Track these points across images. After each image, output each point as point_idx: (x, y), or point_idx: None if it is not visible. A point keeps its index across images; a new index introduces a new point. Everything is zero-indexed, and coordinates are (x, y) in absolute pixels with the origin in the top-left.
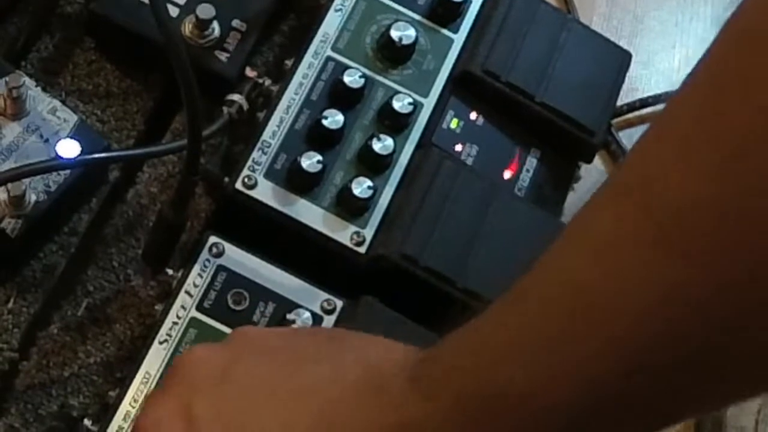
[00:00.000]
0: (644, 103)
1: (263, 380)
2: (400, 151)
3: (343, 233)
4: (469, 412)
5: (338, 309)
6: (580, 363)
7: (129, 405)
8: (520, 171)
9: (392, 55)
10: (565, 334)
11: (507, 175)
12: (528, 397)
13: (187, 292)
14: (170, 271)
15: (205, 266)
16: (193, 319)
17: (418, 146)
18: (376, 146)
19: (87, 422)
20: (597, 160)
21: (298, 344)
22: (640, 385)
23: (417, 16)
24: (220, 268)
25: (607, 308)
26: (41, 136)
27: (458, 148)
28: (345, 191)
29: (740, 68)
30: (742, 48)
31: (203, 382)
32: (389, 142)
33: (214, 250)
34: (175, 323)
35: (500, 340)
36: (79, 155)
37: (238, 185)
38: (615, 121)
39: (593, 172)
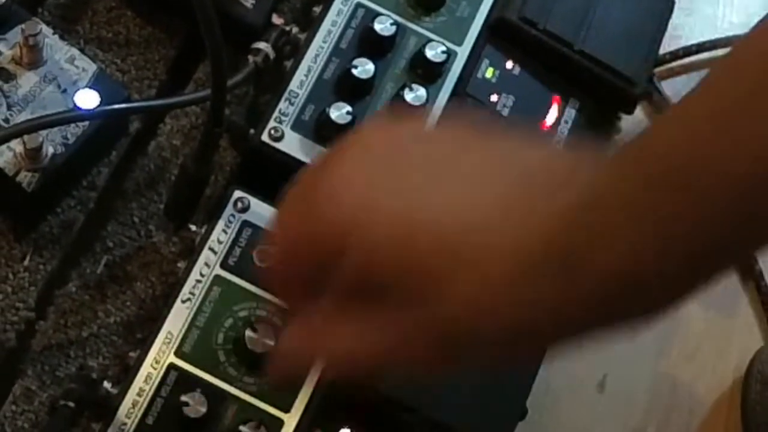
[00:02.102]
0: (687, 51)
1: (440, 160)
2: (433, 102)
3: None
4: (663, 183)
5: None
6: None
7: (150, 367)
8: (559, 122)
9: (425, 2)
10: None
11: (545, 126)
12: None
13: (211, 249)
14: (193, 227)
15: (230, 222)
16: (217, 276)
17: (452, 96)
18: (409, 96)
19: (106, 384)
20: (638, 111)
21: (469, 134)
22: None
23: None
24: (246, 224)
25: None
26: (59, 86)
27: (494, 98)
28: None
29: None
30: None
31: (381, 159)
32: (422, 92)
33: (239, 204)
34: (198, 281)
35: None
36: (99, 106)
37: (264, 137)
38: (657, 70)
39: (634, 124)
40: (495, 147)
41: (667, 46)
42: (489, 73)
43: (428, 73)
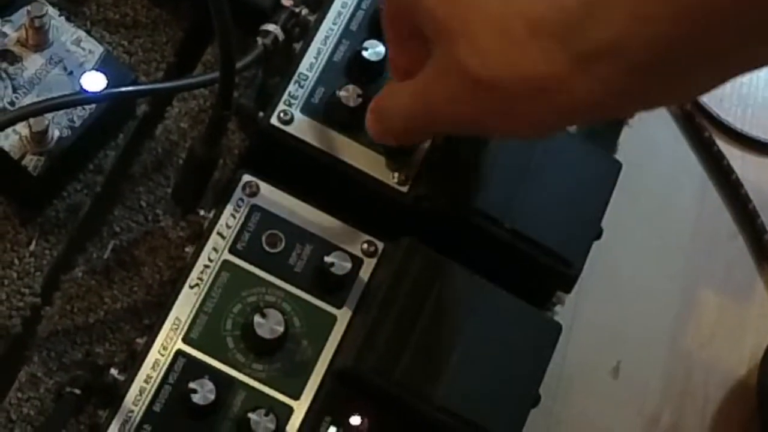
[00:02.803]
0: None
1: None
2: None
3: (385, 171)
4: None
5: (380, 251)
6: None
7: (158, 353)
8: None
9: None
10: None
11: None
12: None
13: (220, 234)
14: (201, 212)
15: (239, 206)
16: (225, 262)
17: None
18: None
19: (113, 371)
20: None
21: None
22: None
23: None
24: (255, 208)
25: None
26: (65, 69)
27: None
28: None
29: None
30: None
31: None
32: None
33: (248, 189)
34: (206, 266)
35: None
36: (105, 89)
37: (274, 120)
38: None
39: None
40: None
41: None
42: None
43: None
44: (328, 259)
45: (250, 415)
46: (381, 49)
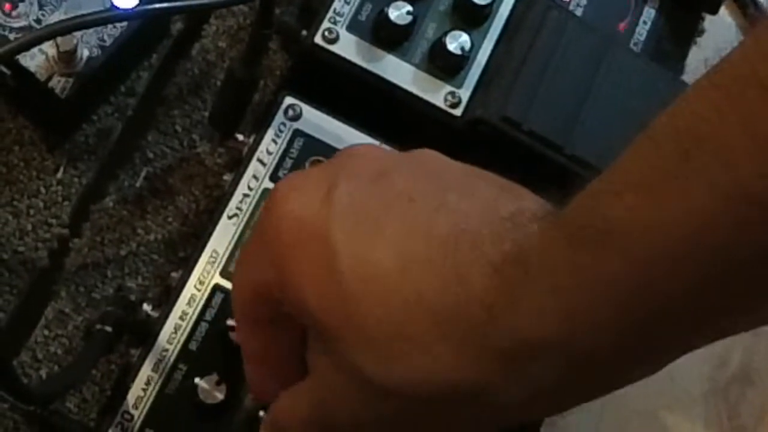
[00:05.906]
0: None
1: (413, 194)
2: (500, 1)
3: (436, 94)
4: (582, 242)
5: None
6: (696, 202)
7: (194, 288)
8: (636, 23)
9: None
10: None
11: (621, 27)
12: (647, 231)
13: (260, 160)
14: (240, 137)
15: (280, 130)
16: (266, 190)
17: None
18: None
19: (146, 307)
20: (723, 12)
21: (456, 174)
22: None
23: None
24: (297, 133)
25: (725, 146)
26: None
27: None
28: (438, 46)
29: None
30: None
31: (356, 174)
32: None
33: (291, 112)
34: (245, 195)
35: (624, 171)
36: (138, 5)
37: (318, 39)
38: None
39: (718, 25)
40: (419, 209)
41: None
42: None
43: None
44: None
45: None
46: None
